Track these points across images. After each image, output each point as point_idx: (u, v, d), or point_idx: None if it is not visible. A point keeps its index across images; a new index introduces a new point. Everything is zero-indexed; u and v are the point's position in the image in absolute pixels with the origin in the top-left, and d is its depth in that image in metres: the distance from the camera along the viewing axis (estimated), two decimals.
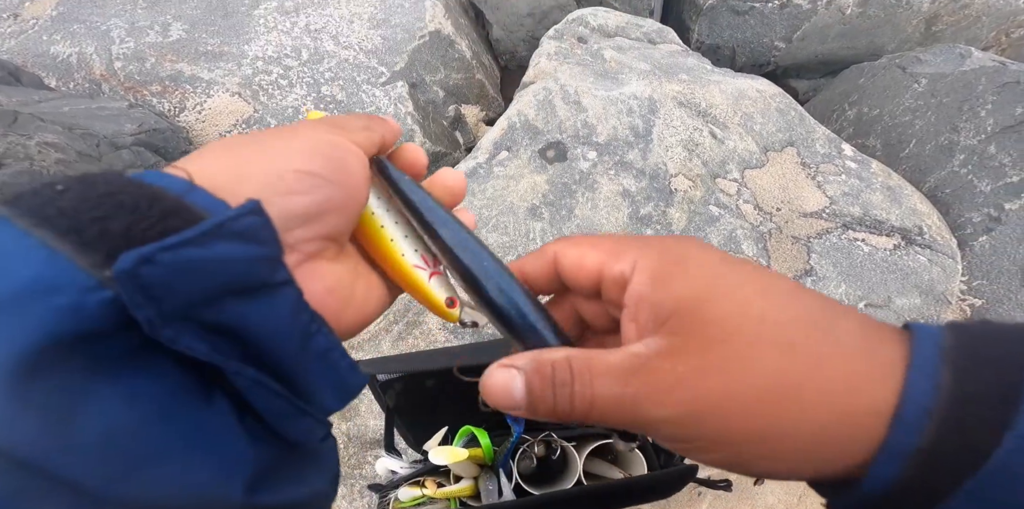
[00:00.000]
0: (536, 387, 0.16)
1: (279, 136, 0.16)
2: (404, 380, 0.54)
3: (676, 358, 0.14)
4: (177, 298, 0.11)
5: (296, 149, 0.16)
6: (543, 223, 0.73)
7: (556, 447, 0.47)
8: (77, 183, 0.12)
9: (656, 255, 0.16)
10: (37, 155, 0.64)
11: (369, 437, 0.71)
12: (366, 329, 0.72)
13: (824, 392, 0.13)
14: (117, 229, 0.11)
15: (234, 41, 0.99)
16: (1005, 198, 0.86)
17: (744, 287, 0.15)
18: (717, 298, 0.14)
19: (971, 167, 0.92)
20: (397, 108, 0.91)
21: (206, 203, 0.13)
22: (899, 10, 1.18)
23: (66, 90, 0.95)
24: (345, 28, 1.00)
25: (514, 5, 1.11)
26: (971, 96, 0.98)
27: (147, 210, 0.12)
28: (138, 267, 0.10)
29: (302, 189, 0.15)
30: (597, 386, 0.15)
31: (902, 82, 1.07)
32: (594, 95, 0.87)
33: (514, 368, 0.16)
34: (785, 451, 0.14)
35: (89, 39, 0.99)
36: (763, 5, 1.19)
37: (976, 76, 0.99)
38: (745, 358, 0.14)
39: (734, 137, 0.87)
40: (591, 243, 0.17)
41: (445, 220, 0.19)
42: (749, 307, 0.14)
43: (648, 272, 0.15)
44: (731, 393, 0.14)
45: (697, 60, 1.03)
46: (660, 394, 0.14)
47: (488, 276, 0.18)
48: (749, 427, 0.14)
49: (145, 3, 1.07)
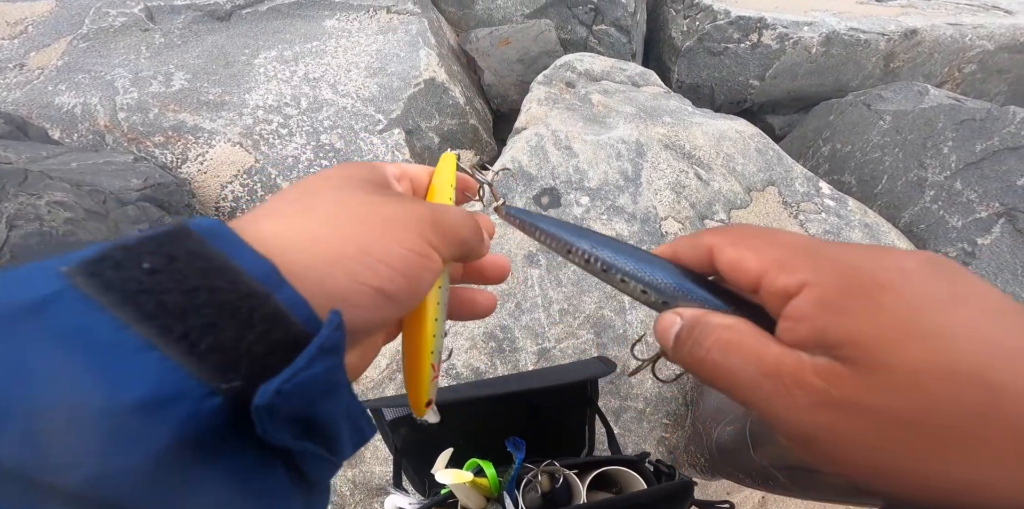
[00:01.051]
0: (682, 337, 0.18)
1: (367, 213, 0.16)
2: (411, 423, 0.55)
3: (838, 382, 0.14)
4: (289, 411, 0.13)
5: (381, 251, 0.15)
6: (540, 270, 0.76)
7: (559, 476, 0.48)
8: (163, 262, 0.12)
9: (834, 278, 0.15)
10: (47, 215, 0.66)
11: (375, 484, 0.72)
12: (370, 378, 0.73)
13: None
14: (228, 343, 0.12)
15: (235, 90, 1.03)
16: (977, 233, 0.91)
17: (959, 340, 0.13)
18: (911, 345, 0.13)
19: (941, 203, 0.97)
20: (394, 155, 0.95)
21: (293, 303, 0.13)
22: (858, 49, 1.27)
23: (71, 142, 0.97)
24: (343, 77, 1.05)
25: (504, 52, 1.17)
26: (933, 133, 1.04)
27: (248, 316, 0.13)
28: (271, 400, 0.12)
29: (369, 305, 0.15)
30: (734, 361, 0.16)
31: (868, 119, 1.14)
32: (584, 140, 0.92)
33: (679, 316, 0.18)
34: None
35: (94, 89, 1.02)
36: (736, 46, 1.26)
37: (935, 113, 1.06)
38: (930, 424, 0.13)
39: (718, 178, 0.92)
40: (752, 245, 0.17)
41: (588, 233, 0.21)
42: (956, 363, 0.13)
43: (818, 296, 0.15)
44: (896, 442, 0.13)
45: (679, 102, 1.09)
46: (801, 407, 0.14)
47: (651, 261, 0.20)
48: (911, 471, 0.13)
49: (148, 52, 1.11)
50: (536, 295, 0.76)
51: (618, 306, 0.76)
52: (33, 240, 0.65)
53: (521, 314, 0.75)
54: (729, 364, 0.16)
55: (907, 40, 1.28)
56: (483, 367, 0.72)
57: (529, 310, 0.75)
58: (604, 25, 1.25)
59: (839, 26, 1.25)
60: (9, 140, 0.85)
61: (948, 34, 1.29)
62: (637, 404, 0.74)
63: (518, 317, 0.74)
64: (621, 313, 0.76)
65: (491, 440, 0.49)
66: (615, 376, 0.74)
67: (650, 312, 0.78)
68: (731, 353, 0.16)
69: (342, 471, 0.71)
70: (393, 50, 1.08)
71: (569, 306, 0.76)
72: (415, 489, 0.57)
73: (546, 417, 0.58)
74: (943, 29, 1.29)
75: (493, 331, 0.73)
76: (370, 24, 1.13)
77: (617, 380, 0.74)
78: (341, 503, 0.70)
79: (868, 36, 1.26)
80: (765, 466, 0.56)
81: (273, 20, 1.15)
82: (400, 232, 0.16)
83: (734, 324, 0.17)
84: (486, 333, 0.73)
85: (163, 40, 1.11)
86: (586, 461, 0.49)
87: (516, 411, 0.57)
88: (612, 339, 0.75)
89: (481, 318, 0.24)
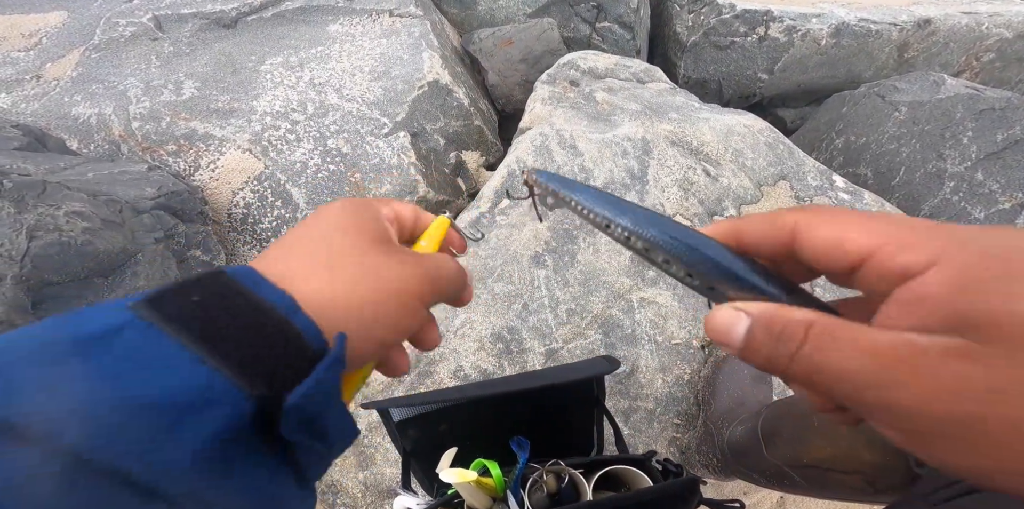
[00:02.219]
0: (758, 336, 0.16)
1: (378, 278, 0.19)
2: (419, 425, 0.55)
3: (983, 364, 0.13)
4: (307, 413, 0.16)
5: (390, 318, 0.19)
6: (547, 270, 0.76)
7: (564, 476, 0.48)
8: (207, 296, 0.16)
9: (970, 256, 0.13)
10: (66, 225, 0.68)
11: (385, 485, 0.72)
12: (379, 380, 0.74)
13: None
14: (258, 358, 0.15)
15: (243, 97, 1.04)
16: (1000, 224, 0.89)
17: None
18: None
19: (962, 194, 0.95)
20: (400, 159, 0.95)
21: (305, 327, 0.17)
22: (870, 39, 1.24)
23: (88, 152, 0.99)
24: (348, 81, 1.06)
25: (507, 52, 1.17)
26: (951, 124, 1.02)
27: (273, 338, 0.16)
28: (299, 401, 0.15)
29: (369, 349, 0.19)
30: (834, 356, 0.14)
31: (883, 110, 1.11)
32: (589, 138, 0.91)
33: (744, 313, 0.17)
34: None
35: (107, 100, 1.04)
36: (743, 39, 1.24)
37: (952, 103, 1.03)
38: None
39: (727, 174, 0.91)
40: (856, 222, 0.15)
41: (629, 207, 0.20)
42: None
43: (952, 276, 0.13)
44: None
45: (685, 97, 1.08)
46: (934, 395, 0.13)
47: (697, 241, 0.18)
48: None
49: (158, 61, 1.13)
50: (543, 296, 0.75)
51: (626, 306, 0.76)
52: (53, 250, 0.67)
53: (528, 315, 0.75)
54: (830, 361, 0.15)
55: (920, 30, 1.25)
56: (491, 368, 0.72)
57: (536, 311, 0.75)
58: (607, 22, 1.24)
59: (848, 17, 1.22)
60: (28, 151, 0.87)
61: (963, 23, 1.26)
62: (647, 404, 0.74)
63: (525, 318, 0.74)
64: (629, 312, 0.76)
65: (499, 441, 0.49)
66: (624, 376, 0.73)
67: (659, 311, 0.77)
68: (831, 348, 0.15)
69: (353, 473, 0.72)
70: (396, 53, 1.09)
71: (576, 306, 0.76)
72: (424, 490, 0.57)
73: (554, 417, 0.58)
74: (958, 18, 1.26)
75: (500, 332, 0.73)
76: (373, 28, 1.14)
77: (626, 380, 0.73)
78: (353, 505, 0.71)
79: (879, 27, 1.23)
80: (779, 465, 0.55)
81: (278, 26, 1.16)
82: (405, 298, 0.20)
83: (818, 317, 0.15)
84: (493, 335, 0.73)
85: (172, 49, 1.13)
86: (592, 460, 0.49)
87: (523, 411, 0.57)
88: (620, 339, 0.75)
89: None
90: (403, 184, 0.94)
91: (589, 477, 0.48)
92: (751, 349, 0.16)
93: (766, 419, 0.59)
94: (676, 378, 0.74)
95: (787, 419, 0.56)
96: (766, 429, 0.58)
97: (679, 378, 0.75)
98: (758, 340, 0.16)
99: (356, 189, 0.95)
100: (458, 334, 0.74)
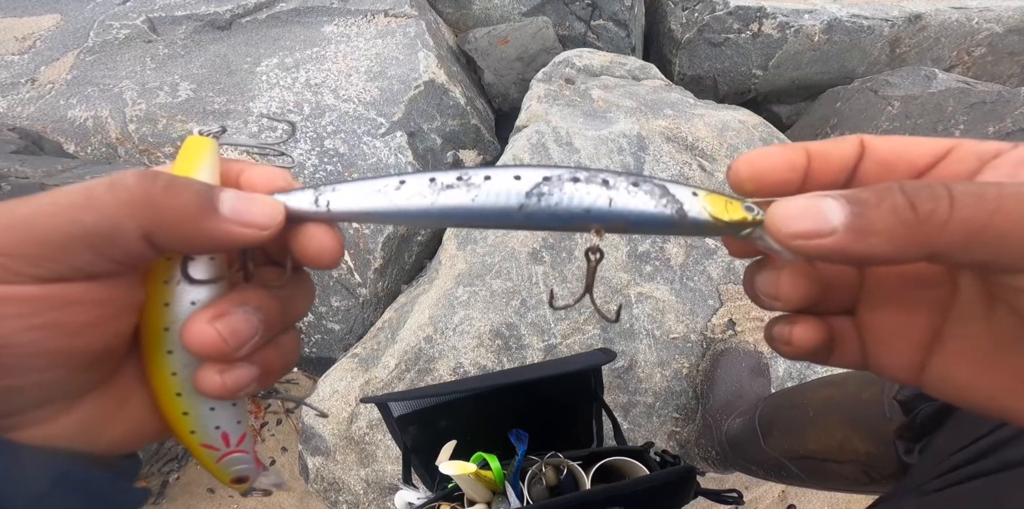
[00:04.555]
0: (871, 199, 0.13)
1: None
2: (419, 421, 0.56)
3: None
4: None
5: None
6: (544, 267, 0.77)
7: (563, 468, 0.48)
8: None
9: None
10: None
11: (387, 482, 0.73)
12: (379, 378, 0.74)
13: None
14: None
15: (239, 99, 1.04)
16: None
17: None
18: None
19: None
20: (397, 158, 0.95)
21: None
22: (862, 35, 1.25)
23: (85, 155, 0.99)
24: (344, 82, 1.06)
25: (503, 51, 1.17)
26: (943, 117, 1.03)
27: None
28: None
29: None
30: (1007, 186, 0.12)
31: (876, 105, 1.12)
32: (585, 135, 0.92)
33: (824, 195, 0.14)
34: None
35: (103, 102, 1.04)
36: (737, 36, 1.25)
37: (944, 97, 1.04)
38: None
39: (723, 169, 0.91)
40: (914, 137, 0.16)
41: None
42: None
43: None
44: None
45: (680, 94, 1.09)
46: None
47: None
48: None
49: (153, 63, 1.13)
50: (541, 291, 0.76)
51: (624, 300, 0.76)
52: None
53: (527, 311, 0.75)
54: (1010, 208, 0.12)
55: (912, 25, 1.26)
56: (490, 365, 0.72)
57: (534, 307, 0.75)
58: (602, 20, 1.24)
59: (840, 13, 1.23)
60: (26, 155, 0.87)
61: (954, 18, 1.27)
62: (646, 399, 0.74)
63: (523, 314, 0.75)
64: (627, 307, 0.76)
65: (498, 436, 0.50)
66: (623, 371, 0.74)
67: (657, 305, 0.77)
68: (996, 196, 0.12)
69: (355, 470, 0.73)
70: (392, 53, 1.09)
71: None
72: (425, 485, 0.58)
73: (553, 412, 0.58)
74: (948, 13, 1.27)
75: (499, 329, 0.74)
76: (368, 28, 1.14)
77: (625, 375, 0.74)
78: (355, 502, 0.72)
79: (871, 22, 1.24)
80: (776, 457, 0.56)
81: (273, 28, 1.16)
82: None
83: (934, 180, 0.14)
84: (492, 331, 0.74)
85: (167, 51, 1.13)
86: (590, 452, 0.50)
87: (522, 406, 0.57)
88: (619, 333, 0.75)
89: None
90: None
91: (588, 469, 0.48)
92: (873, 218, 0.13)
93: (763, 411, 0.60)
94: (674, 372, 0.75)
95: (784, 411, 0.57)
96: (764, 421, 0.59)
97: (677, 372, 0.75)
98: (876, 202, 0.13)
99: None
100: (457, 331, 0.74)
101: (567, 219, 0.15)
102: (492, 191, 0.15)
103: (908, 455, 0.40)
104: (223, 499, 0.84)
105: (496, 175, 0.15)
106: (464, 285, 0.76)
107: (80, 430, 0.15)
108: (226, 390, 0.15)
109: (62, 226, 0.13)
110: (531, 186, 0.15)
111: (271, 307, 0.16)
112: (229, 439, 0.17)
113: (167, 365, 0.15)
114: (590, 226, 0.15)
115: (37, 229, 0.13)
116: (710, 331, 0.77)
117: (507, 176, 0.15)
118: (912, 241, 0.13)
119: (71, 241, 0.13)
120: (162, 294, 0.15)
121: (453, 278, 0.78)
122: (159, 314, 0.15)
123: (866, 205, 0.13)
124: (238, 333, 0.15)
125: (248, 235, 0.14)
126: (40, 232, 0.13)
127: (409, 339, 0.73)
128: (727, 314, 0.78)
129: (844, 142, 0.16)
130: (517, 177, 0.15)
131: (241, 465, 0.18)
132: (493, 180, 0.15)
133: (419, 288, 0.83)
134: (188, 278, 0.15)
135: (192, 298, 0.15)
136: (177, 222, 0.13)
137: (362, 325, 0.86)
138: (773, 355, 0.77)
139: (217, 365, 0.15)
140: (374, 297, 0.88)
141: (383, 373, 0.73)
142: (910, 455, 0.40)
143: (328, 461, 0.73)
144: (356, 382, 0.73)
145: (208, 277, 0.15)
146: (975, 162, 0.15)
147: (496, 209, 0.15)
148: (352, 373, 0.74)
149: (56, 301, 0.13)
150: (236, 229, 0.14)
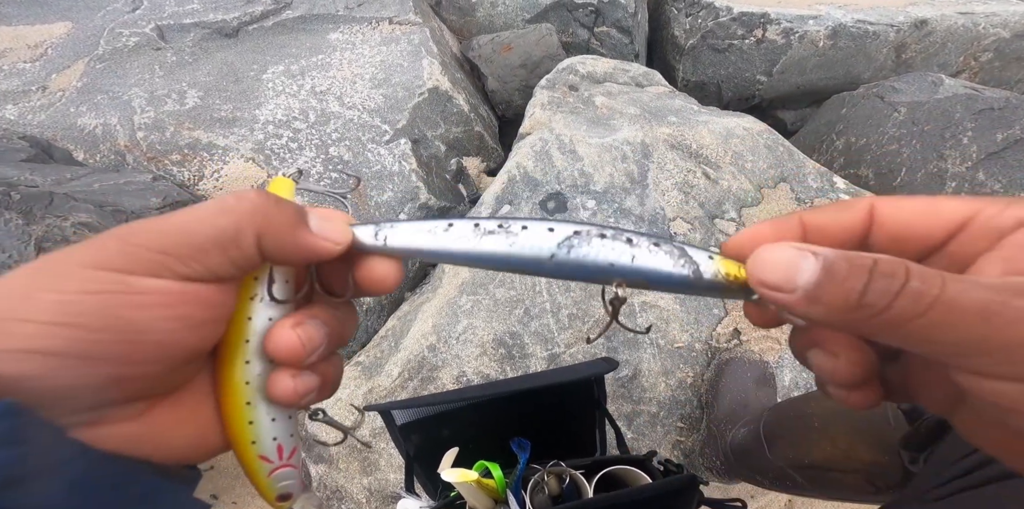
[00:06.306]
0: (840, 272, 0.13)
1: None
2: (422, 429, 0.56)
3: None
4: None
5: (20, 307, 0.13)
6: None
7: (566, 477, 0.48)
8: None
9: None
10: (73, 236, 0.69)
11: (389, 491, 0.73)
12: (382, 386, 0.74)
13: None
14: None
15: (245, 106, 1.05)
16: None
17: None
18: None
19: (964, 194, 0.95)
20: (401, 166, 0.96)
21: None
22: (867, 41, 1.24)
23: (94, 162, 1.01)
24: (349, 89, 1.07)
25: (506, 57, 1.18)
26: (951, 124, 1.02)
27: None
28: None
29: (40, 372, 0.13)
30: (951, 288, 0.13)
31: (882, 111, 1.11)
32: (588, 143, 0.92)
33: (809, 251, 0.14)
34: None
35: (112, 110, 1.06)
36: (741, 42, 1.25)
37: (951, 103, 1.03)
38: None
39: (727, 177, 0.91)
40: (934, 197, 0.16)
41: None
42: None
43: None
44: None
45: (684, 101, 1.09)
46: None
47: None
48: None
49: (162, 71, 1.14)
50: (544, 300, 0.76)
51: (627, 310, 0.76)
52: None
53: (530, 320, 0.75)
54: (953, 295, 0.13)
55: (917, 30, 1.25)
56: (494, 374, 0.72)
57: (538, 316, 0.75)
58: (605, 27, 1.25)
59: (845, 18, 1.23)
60: (35, 163, 0.89)
61: (960, 23, 1.26)
62: (650, 408, 0.74)
63: (527, 323, 0.75)
64: (631, 317, 0.76)
65: (501, 444, 0.50)
66: (627, 380, 0.74)
67: (661, 315, 0.77)
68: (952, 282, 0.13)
69: (358, 479, 0.73)
70: (396, 61, 1.10)
71: (578, 310, 0.76)
72: (427, 494, 0.58)
73: (556, 421, 0.58)
74: (954, 18, 1.26)
75: (502, 338, 0.74)
76: (373, 36, 1.15)
77: (629, 384, 0.74)
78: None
79: (876, 28, 1.23)
80: (781, 466, 0.55)
81: (279, 35, 1.17)
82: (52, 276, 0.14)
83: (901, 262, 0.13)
84: (495, 340, 0.74)
85: (175, 58, 1.14)
86: (593, 461, 0.49)
87: (525, 415, 0.57)
88: (622, 343, 0.75)
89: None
90: (404, 191, 0.94)
91: (590, 478, 0.48)
92: (827, 292, 0.13)
93: (768, 421, 0.59)
94: (679, 381, 0.75)
95: (789, 420, 0.57)
96: (768, 431, 0.58)
97: (682, 381, 0.75)
98: (841, 276, 0.13)
99: (358, 197, 0.96)
100: (460, 340, 0.74)
101: (593, 271, 0.17)
102: (528, 239, 0.17)
103: (914, 464, 0.40)
104: (226, 507, 0.84)
105: (532, 226, 0.17)
106: (468, 294, 0.76)
107: (152, 434, 0.16)
108: (296, 395, 0.17)
109: (205, 230, 0.15)
110: (563, 238, 0.17)
111: (333, 324, 0.18)
112: (283, 452, 0.18)
113: (242, 374, 0.17)
114: (611, 279, 0.17)
115: (188, 233, 0.15)
116: (715, 340, 0.77)
117: (542, 228, 0.17)
118: (862, 311, 0.13)
119: (208, 242, 0.15)
120: (247, 309, 0.17)
121: (456, 286, 0.78)
122: (242, 326, 0.17)
123: (833, 277, 0.13)
124: (312, 340, 0.17)
125: (327, 248, 0.17)
126: (189, 235, 0.15)
127: (412, 347, 0.73)
128: (732, 323, 0.78)
129: (850, 211, 0.16)
130: (551, 229, 0.17)
131: (289, 480, 0.19)
132: (529, 230, 0.17)
133: (423, 296, 0.83)
134: (271, 296, 0.17)
135: (270, 314, 0.17)
136: (280, 230, 0.16)
137: (366, 333, 0.86)
138: (778, 364, 0.77)
139: (290, 370, 0.17)
140: (377, 305, 0.88)
141: (386, 381, 0.73)
142: (916, 464, 0.39)
143: (331, 469, 0.73)
144: (360, 390, 0.73)
145: (284, 298, 0.17)
146: (985, 241, 0.15)
147: (530, 257, 0.17)
148: (356, 381, 0.75)
149: (190, 297, 0.15)
150: (319, 241, 0.17)
